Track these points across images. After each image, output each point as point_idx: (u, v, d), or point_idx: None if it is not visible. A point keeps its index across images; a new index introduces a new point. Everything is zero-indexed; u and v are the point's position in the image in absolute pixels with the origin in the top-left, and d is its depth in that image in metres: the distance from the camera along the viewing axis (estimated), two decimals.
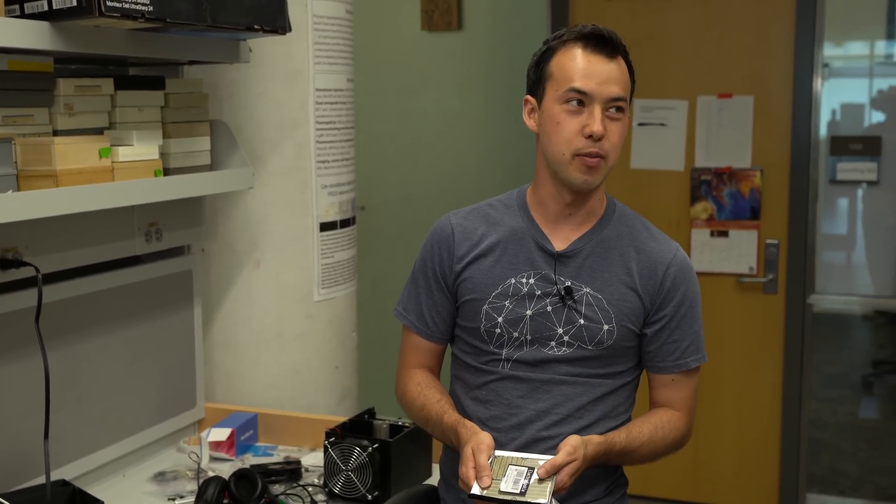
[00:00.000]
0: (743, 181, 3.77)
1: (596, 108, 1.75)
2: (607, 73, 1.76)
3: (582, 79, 1.76)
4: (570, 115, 1.77)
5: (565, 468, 1.67)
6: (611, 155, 1.79)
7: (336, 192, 2.68)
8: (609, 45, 1.78)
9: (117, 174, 2.00)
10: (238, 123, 2.54)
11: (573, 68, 1.77)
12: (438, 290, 1.92)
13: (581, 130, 1.76)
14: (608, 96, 1.76)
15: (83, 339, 2.20)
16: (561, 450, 1.69)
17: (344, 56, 2.67)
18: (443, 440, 1.91)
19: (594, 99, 1.76)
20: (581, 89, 1.76)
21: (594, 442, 1.74)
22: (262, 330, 2.64)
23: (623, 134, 1.80)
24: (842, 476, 4.51)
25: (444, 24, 4.25)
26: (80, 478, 2.19)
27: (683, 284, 1.86)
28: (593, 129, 1.74)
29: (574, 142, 1.77)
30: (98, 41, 1.87)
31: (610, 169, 1.81)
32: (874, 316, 6.14)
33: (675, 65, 3.81)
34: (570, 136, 1.77)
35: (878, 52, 4.55)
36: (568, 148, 1.77)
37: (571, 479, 1.68)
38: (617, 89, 1.77)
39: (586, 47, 1.78)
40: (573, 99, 1.77)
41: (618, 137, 1.78)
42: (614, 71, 1.77)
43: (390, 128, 4.42)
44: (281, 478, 2.30)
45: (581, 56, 1.78)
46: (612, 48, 1.78)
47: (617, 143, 1.79)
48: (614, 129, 1.78)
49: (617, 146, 1.79)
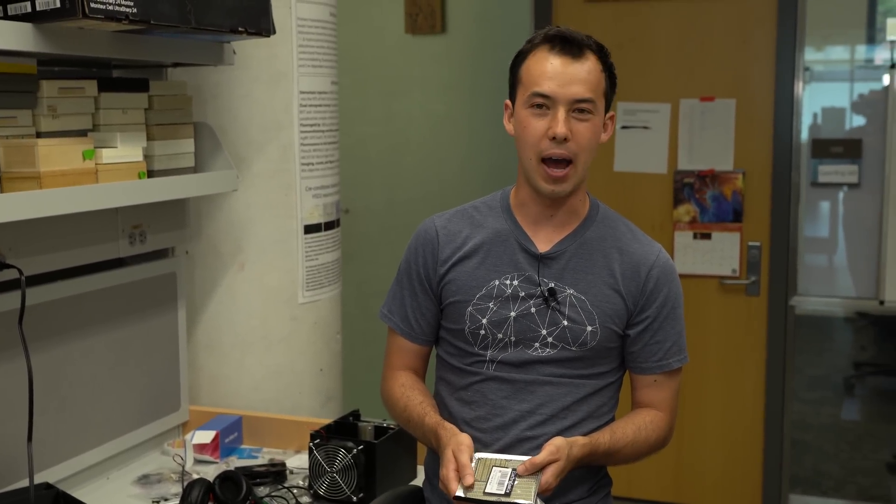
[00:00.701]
0: (725, 184, 3.79)
1: (560, 110, 1.76)
2: (571, 75, 1.76)
3: (545, 81, 1.76)
4: (536, 118, 1.78)
5: (550, 468, 1.68)
6: (580, 157, 1.78)
7: (320, 195, 2.68)
8: (574, 45, 1.77)
9: (101, 176, 2.00)
10: (222, 126, 2.54)
11: (538, 71, 1.78)
12: (423, 292, 1.93)
13: (546, 133, 1.76)
14: (571, 97, 1.76)
15: (67, 342, 2.19)
16: (544, 449, 1.70)
17: (328, 59, 2.68)
18: (424, 442, 1.92)
19: (557, 101, 1.76)
20: (543, 92, 1.76)
21: (579, 443, 1.75)
22: (246, 332, 2.64)
23: (593, 135, 1.79)
24: (824, 477, 4.53)
25: (428, 27, 4.26)
26: (64, 481, 2.18)
27: (666, 286, 1.87)
28: (555, 130, 1.74)
29: (539, 144, 1.77)
30: (82, 43, 1.86)
31: (582, 172, 1.80)
32: (855, 318, 6.17)
33: (658, 68, 3.83)
34: (535, 139, 1.78)
35: (858, 57, 4.58)
36: (534, 152, 1.78)
37: (557, 479, 1.69)
38: (581, 90, 1.76)
39: (552, 49, 1.78)
40: (537, 103, 1.77)
41: (586, 139, 1.77)
42: (579, 72, 1.77)
43: (374, 131, 4.42)
44: (266, 480, 2.30)
45: (546, 59, 1.78)
46: (577, 49, 1.77)
47: (586, 144, 1.78)
48: (582, 130, 1.77)
49: (586, 147, 1.78)
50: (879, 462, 4.65)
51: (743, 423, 3.90)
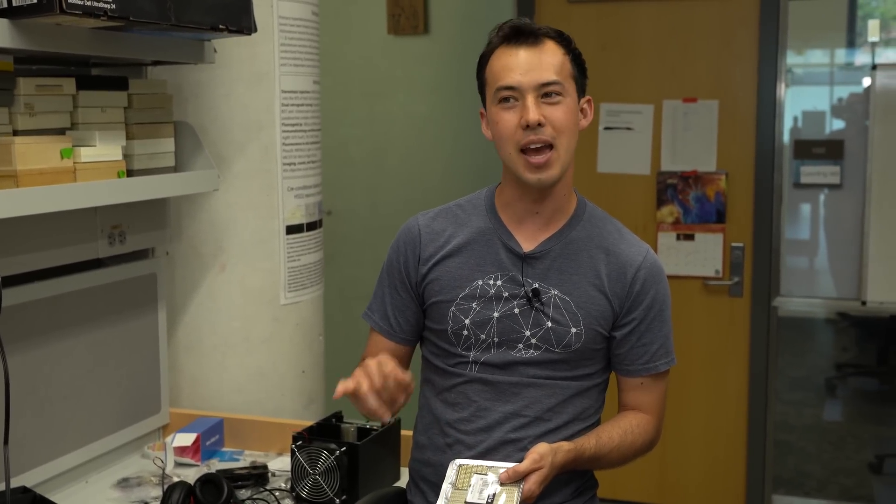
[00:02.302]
0: (708, 185, 3.80)
1: (528, 97, 1.74)
2: (531, 62, 1.75)
3: (507, 74, 1.76)
4: (507, 112, 1.77)
5: (533, 476, 1.67)
6: (559, 141, 1.76)
7: (302, 195, 2.66)
8: (528, 34, 1.77)
9: (79, 175, 1.97)
10: (203, 125, 2.51)
11: (499, 66, 1.78)
12: (404, 290, 1.91)
13: (519, 123, 1.75)
14: (537, 82, 1.74)
15: (45, 344, 2.16)
16: (527, 457, 1.69)
17: (310, 58, 2.66)
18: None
19: (524, 90, 1.75)
20: (508, 84, 1.76)
21: (563, 449, 1.73)
22: (227, 334, 2.61)
23: (567, 116, 1.76)
24: (807, 477, 4.55)
25: (411, 27, 4.25)
26: (42, 484, 2.15)
27: (653, 287, 1.85)
28: (527, 118, 1.73)
29: (515, 136, 1.76)
30: (59, 40, 1.84)
31: (565, 156, 1.78)
32: (837, 319, 6.20)
33: (641, 69, 3.83)
34: (510, 132, 1.76)
35: (838, 60, 4.60)
36: (512, 145, 1.77)
37: (540, 487, 1.67)
38: (546, 74, 1.75)
39: (508, 43, 1.78)
40: (505, 96, 1.77)
41: (562, 121, 1.75)
42: (540, 57, 1.76)
43: (357, 132, 4.41)
44: (247, 483, 2.28)
45: (504, 53, 1.78)
46: (532, 36, 1.77)
47: (562, 126, 1.75)
48: (555, 113, 1.75)
49: (564, 130, 1.76)
50: (862, 462, 4.67)
51: (726, 424, 3.90)
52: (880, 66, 3.78)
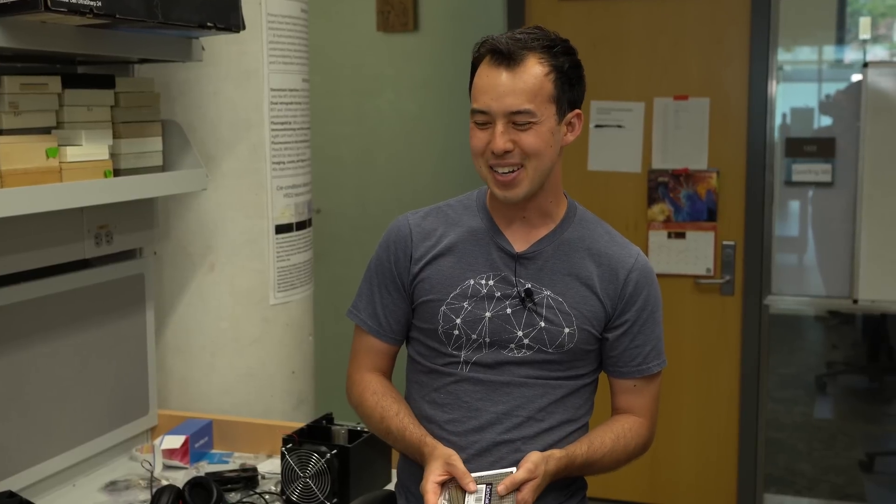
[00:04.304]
0: (699, 183, 3.79)
1: (498, 123, 1.72)
2: (506, 86, 1.71)
3: (481, 96, 1.74)
4: (480, 131, 1.76)
5: (527, 486, 1.67)
6: (529, 162, 1.74)
7: (292, 194, 2.63)
8: (506, 56, 1.72)
9: (65, 175, 1.95)
10: (191, 124, 2.49)
11: (476, 86, 1.76)
12: (395, 289, 1.89)
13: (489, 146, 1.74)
14: (506, 110, 1.72)
15: (31, 346, 2.14)
16: (521, 466, 1.69)
17: (299, 56, 2.63)
18: (406, 454, 1.88)
19: (494, 115, 1.73)
20: (479, 108, 1.74)
21: (555, 457, 1.73)
22: (216, 334, 2.59)
23: (539, 141, 1.73)
24: (798, 476, 4.55)
25: (400, 25, 4.23)
26: (28, 488, 2.12)
27: (645, 289, 1.85)
28: (493, 146, 1.72)
29: (485, 154, 1.76)
30: (44, 38, 1.81)
31: (535, 175, 1.75)
32: (828, 317, 6.21)
33: (632, 66, 3.82)
34: (480, 150, 1.76)
35: (828, 57, 4.60)
36: (482, 161, 1.77)
37: (534, 495, 1.67)
38: (516, 101, 1.71)
39: (490, 62, 1.75)
40: (478, 121, 1.76)
41: (533, 146, 1.72)
42: (514, 83, 1.71)
43: (346, 130, 4.38)
44: (237, 486, 2.26)
45: (485, 70, 1.75)
46: (511, 59, 1.72)
47: (532, 150, 1.73)
48: (526, 139, 1.72)
49: (535, 152, 1.73)
50: (852, 460, 4.68)
51: (717, 423, 3.89)
52: (872, 63, 3.77)
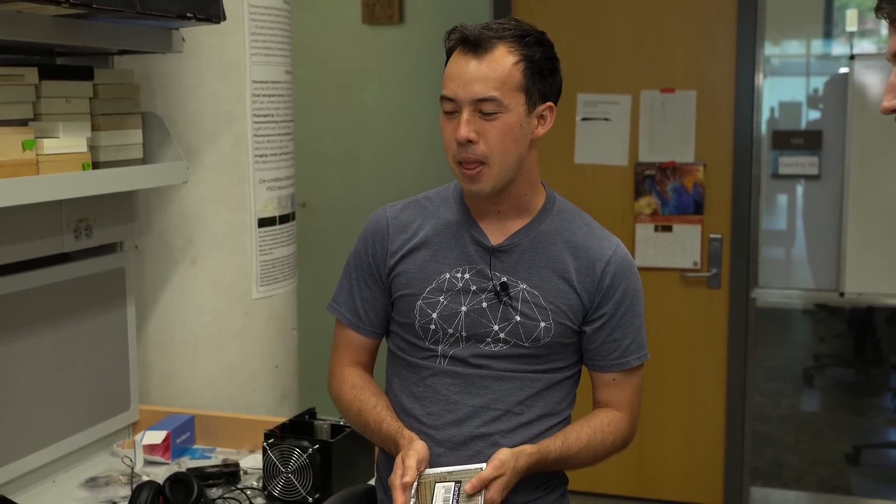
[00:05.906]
0: (686, 176, 3.78)
1: (464, 111, 1.70)
2: (472, 74, 1.70)
3: (449, 84, 1.72)
4: (448, 122, 1.74)
5: (495, 484, 1.65)
6: (492, 158, 1.71)
7: (275, 187, 2.61)
8: (475, 44, 1.70)
9: (42, 167, 1.92)
10: (172, 116, 2.46)
11: (446, 74, 1.74)
12: (373, 282, 1.88)
13: (454, 137, 1.72)
14: (472, 97, 1.69)
15: (9, 341, 2.11)
16: (489, 463, 1.67)
17: (282, 47, 2.61)
18: (383, 447, 1.87)
19: (461, 102, 1.71)
20: (446, 95, 1.73)
21: (526, 453, 1.71)
22: (198, 329, 2.56)
23: (503, 134, 1.70)
24: (785, 468, 4.55)
25: (386, 17, 4.20)
26: (7, 485, 2.10)
27: (623, 282, 1.82)
28: (457, 134, 1.70)
29: (451, 148, 1.74)
30: (20, 27, 1.79)
31: (500, 171, 1.73)
32: (815, 310, 6.21)
33: (618, 59, 3.80)
34: (447, 143, 1.75)
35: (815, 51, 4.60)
36: (450, 155, 1.75)
37: (502, 493, 1.66)
38: (482, 88, 1.69)
39: (461, 50, 1.73)
40: (446, 109, 1.74)
41: (496, 139, 1.70)
42: (481, 69, 1.69)
43: (331, 123, 4.36)
44: (219, 481, 2.24)
45: (455, 59, 1.73)
46: (478, 47, 1.70)
47: (496, 144, 1.70)
48: (491, 130, 1.70)
49: (498, 147, 1.71)
50: (839, 453, 4.68)
51: (704, 416, 3.89)
52: (858, 56, 3.76)
